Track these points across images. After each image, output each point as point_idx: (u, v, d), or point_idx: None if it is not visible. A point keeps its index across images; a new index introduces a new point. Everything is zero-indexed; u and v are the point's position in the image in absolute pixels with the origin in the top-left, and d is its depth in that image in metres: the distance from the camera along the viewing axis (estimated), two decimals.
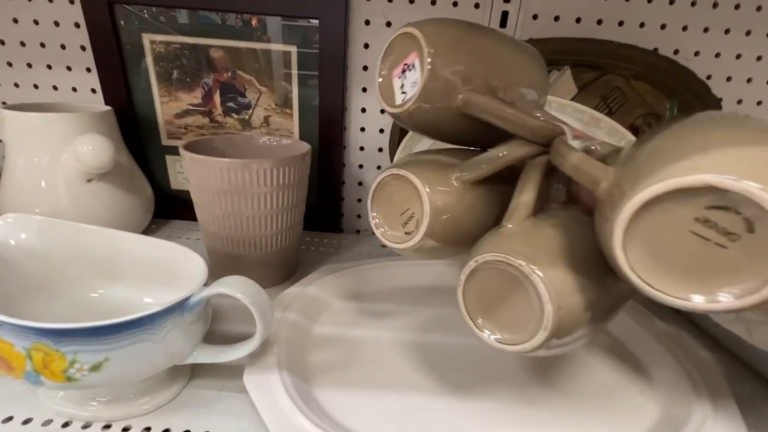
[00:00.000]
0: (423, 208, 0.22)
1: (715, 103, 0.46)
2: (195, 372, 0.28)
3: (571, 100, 0.44)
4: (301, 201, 0.39)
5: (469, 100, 0.21)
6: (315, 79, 0.46)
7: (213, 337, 0.32)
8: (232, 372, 0.28)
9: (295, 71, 0.46)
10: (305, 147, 0.39)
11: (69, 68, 0.47)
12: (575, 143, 0.21)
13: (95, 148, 0.36)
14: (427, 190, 0.22)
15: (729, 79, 0.47)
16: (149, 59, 0.46)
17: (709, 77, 0.46)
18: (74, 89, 0.48)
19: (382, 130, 0.50)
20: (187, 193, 0.52)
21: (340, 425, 0.24)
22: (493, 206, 0.24)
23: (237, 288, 0.23)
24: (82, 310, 0.28)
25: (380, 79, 0.24)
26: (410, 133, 0.45)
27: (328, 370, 0.29)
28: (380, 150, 0.51)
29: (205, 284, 0.24)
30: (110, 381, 0.22)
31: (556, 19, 0.44)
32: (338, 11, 0.43)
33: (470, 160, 0.23)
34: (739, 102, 0.48)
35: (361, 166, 0.52)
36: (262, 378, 0.25)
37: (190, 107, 0.48)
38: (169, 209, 0.52)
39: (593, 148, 0.21)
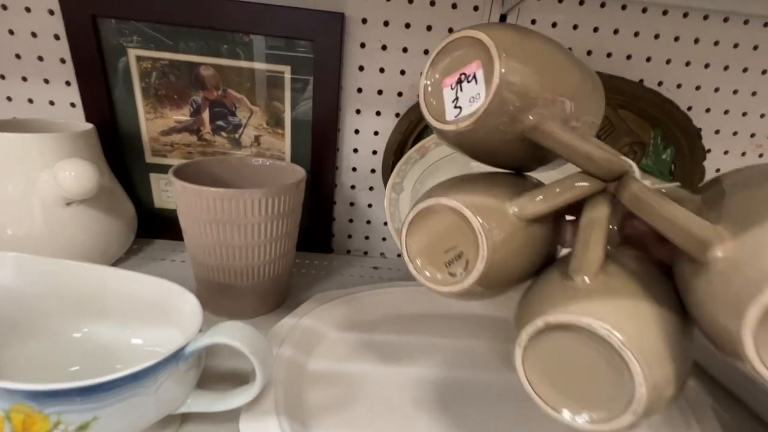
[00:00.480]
0: (479, 251, 0.18)
1: (695, 133, 0.48)
2: (185, 418, 0.27)
3: None
4: (294, 229, 0.38)
5: (539, 126, 0.18)
6: (308, 100, 0.45)
7: (204, 373, 0.30)
8: (225, 416, 0.27)
9: (288, 92, 0.45)
10: (300, 173, 0.38)
11: (47, 81, 0.45)
12: (647, 183, 0.18)
13: (78, 174, 0.34)
14: (485, 228, 0.18)
15: (708, 110, 0.49)
16: (135, 75, 0.44)
17: (689, 108, 0.48)
18: (52, 103, 0.46)
19: (375, 152, 0.49)
20: (172, 212, 0.51)
21: None
22: (543, 245, 0.21)
23: (236, 337, 0.22)
24: (64, 351, 0.27)
25: (428, 85, 0.20)
26: (405, 157, 0.44)
27: (327, 410, 0.28)
28: (373, 171, 0.50)
29: (200, 329, 0.23)
30: None
31: None
32: (333, 33, 0.43)
33: (529, 194, 0.20)
34: (717, 132, 0.50)
35: (353, 187, 0.51)
36: (259, 425, 0.24)
37: (177, 124, 0.46)
38: (154, 228, 0.50)
39: (663, 191, 0.18)
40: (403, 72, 0.46)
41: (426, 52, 0.45)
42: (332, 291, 0.40)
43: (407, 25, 0.44)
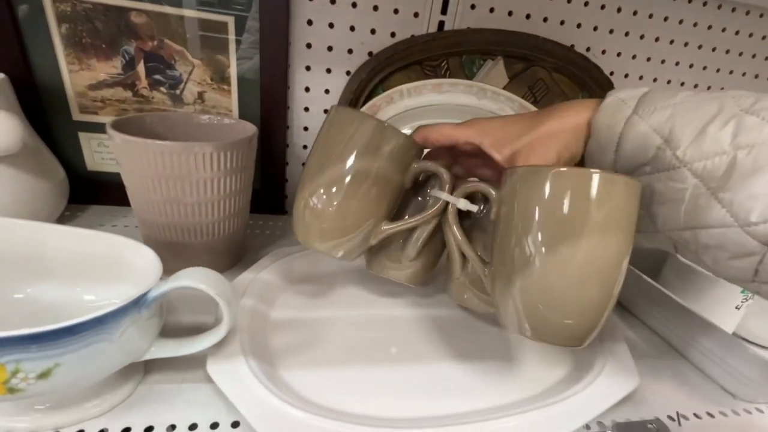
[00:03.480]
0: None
1: None
2: (149, 368, 0.27)
3: (503, 89, 0.48)
4: (248, 186, 0.38)
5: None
6: (255, 55, 0.44)
7: (164, 330, 0.30)
8: (190, 364, 0.27)
9: (232, 45, 0.43)
10: (251, 129, 0.37)
11: None
12: (461, 204, 0.28)
13: None
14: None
15: (626, 76, 0.55)
16: (51, 19, 0.39)
17: (611, 73, 0.53)
18: None
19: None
20: (107, 175, 0.47)
21: (313, 403, 0.25)
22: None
23: (200, 279, 0.22)
24: (4, 313, 0.25)
25: None
26: None
27: (292, 352, 0.30)
28: None
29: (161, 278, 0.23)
30: (61, 387, 0.20)
31: (491, 10, 0.47)
32: None
33: (409, 244, 0.31)
34: None
35: (305, 147, 0.51)
36: (228, 366, 0.25)
37: (108, 78, 0.42)
38: (87, 193, 0.46)
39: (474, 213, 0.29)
40: (352, 28, 0.45)
41: (375, 8, 0.45)
42: (290, 247, 0.41)
43: None
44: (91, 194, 0.47)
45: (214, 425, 0.24)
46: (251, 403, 0.23)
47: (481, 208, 0.29)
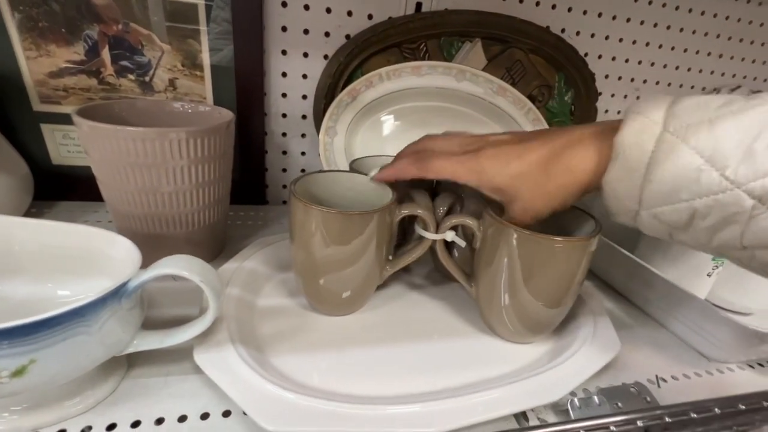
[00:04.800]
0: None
1: (591, 77, 0.54)
2: (132, 362, 0.26)
3: (482, 70, 0.48)
4: (227, 173, 0.37)
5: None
6: (228, 39, 0.42)
7: (146, 324, 0.29)
8: (175, 356, 0.27)
9: (204, 28, 0.41)
10: (228, 114, 0.36)
11: None
12: (449, 237, 0.31)
13: None
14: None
15: (600, 56, 0.56)
16: (2, 2, 0.36)
17: (586, 54, 0.54)
18: None
19: (305, 96, 0.48)
20: (75, 168, 0.45)
21: (305, 385, 0.25)
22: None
23: (183, 266, 0.22)
24: None
25: None
26: (336, 101, 0.44)
27: (280, 339, 0.29)
28: (304, 117, 0.49)
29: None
30: (38, 385, 0.19)
31: None
32: None
33: (396, 259, 0.33)
34: (606, 77, 0.58)
35: (284, 134, 0.50)
36: (216, 355, 0.24)
37: (70, 65, 0.40)
38: (54, 189, 0.44)
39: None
40: (329, 10, 0.44)
41: None
42: (272, 236, 0.40)
43: None
44: (58, 190, 0.44)
45: (205, 416, 0.24)
46: (243, 390, 0.22)
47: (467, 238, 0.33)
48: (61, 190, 0.45)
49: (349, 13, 0.45)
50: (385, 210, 0.29)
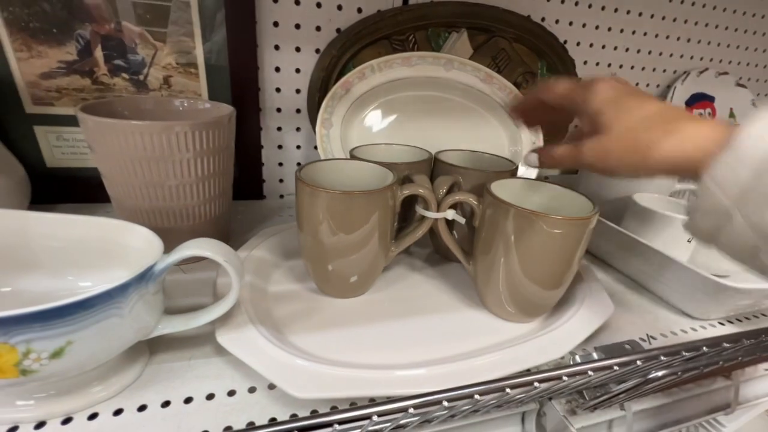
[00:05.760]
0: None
1: (571, 64, 0.57)
2: (153, 349, 0.27)
3: (468, 59, 0.50)
4: (230, 166, 0.38)
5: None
6: (221, 35, 0.43)
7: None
8: (195, 341, 0.28)
9: (197, 25, 0.42)
10: (228, 108, 0.37)
11: None
12: (450, 215, 0.33)
13: None
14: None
15: (578, 44, 0.58)
16: None
17: (565, 42, 0.57)
18: None
19: (298, 91, 0.49)
20: (71, 170, 0.44)
21: (324, 358, 0.26)
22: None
23: (206, 248, 0.23)
24: None
25: None
26: (330, 93, 0.45)
27: (295, 319, 0.30)
28: (298, 111, 0.50)
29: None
30: (74, 367, 0.20)
31: None
32: None
33: (400, 240, 0.34)
34: (585, 63, 0.60)
35: (279, 129, 0.51)
36: (239, 334, 0.25)
37: (62, 65, 0.40)
38: (51, 193, 0.44)
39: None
40: (319, 5, 0.45)
41: None
42: (275, 227, 0.41)
43: None
44: (54, 193, 0.44)
45: (231, 393, 0.25)
46: (269, 364, 0.24)
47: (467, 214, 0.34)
48: (58, 193, 0.44)
49: (339, 7, 0.46)
50: (388, 190, 0.30)
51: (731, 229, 0.19)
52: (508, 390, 0.19)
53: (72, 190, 0.44)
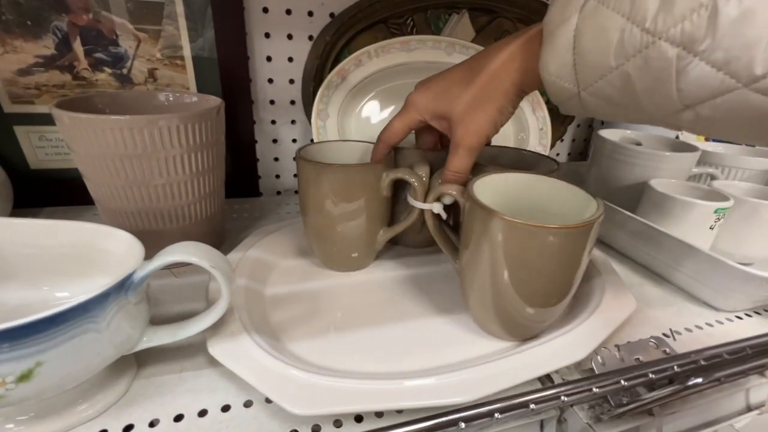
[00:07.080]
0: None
1: None
2: (141, 362, 0.25)
3: (470, 42, 0.47)
4: (220, 162, 0.36)
5: None
6: (209, 23, 0.40)
7: (153, 322, 0.28)
8: (186, 352, 0.26)
9: (181, 13, 0.39)
10: (216, 100, 0.35)
11: None
12: (435, 208, 0.30)
13: None
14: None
15: None
16: None
17: None
18: None
19: (292, 81, 0.47)
20: (55, 172, 0.42)
21: (325, 368, 0.24)
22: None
23: (191, 253, 0.20)
24: None
25: None
26: (326, 82, 0.43)
27: (293, 324, 0.28)
28: (293, 103, 0.48)
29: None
30: (47, 389, 0.18)
31: None
32: None
33: (390, 229, 0.34)
34: None
35: (273, 122, 0.48)
36: (232, 345, 0.23)
37: (40, 60, 0.38)
38: (35, 195, 0.42)
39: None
40: None
41: None
42: (272, 224, 0.39)
43: None
44: (39, 196, 0.42)
45: (225, 408, 0.23)
46: (264, 377, 0.22)
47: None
48: (42, 196, 0.42)
49: None
50: (376, 167, 0.31)
51: (586, 103, 0.22)
52: (532, 406, 0.17)
53: (58, 192, 0.42)
